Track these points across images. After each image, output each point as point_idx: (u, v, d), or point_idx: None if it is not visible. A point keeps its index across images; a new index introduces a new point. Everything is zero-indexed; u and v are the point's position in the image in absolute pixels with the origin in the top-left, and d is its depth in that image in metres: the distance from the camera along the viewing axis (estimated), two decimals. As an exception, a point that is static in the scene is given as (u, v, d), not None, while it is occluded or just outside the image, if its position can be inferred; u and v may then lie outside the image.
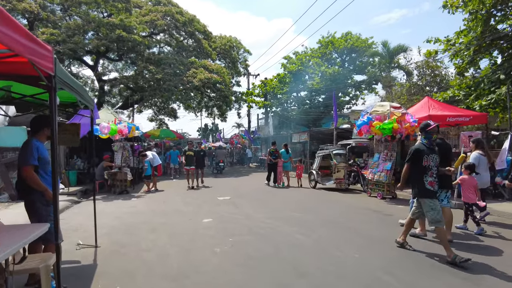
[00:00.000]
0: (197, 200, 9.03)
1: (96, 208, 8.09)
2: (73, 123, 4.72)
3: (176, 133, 18.49)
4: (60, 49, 15.87)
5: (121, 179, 10.51)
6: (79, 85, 3.63)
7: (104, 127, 9.83)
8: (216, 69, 19.57)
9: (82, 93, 3.79)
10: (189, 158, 12.00)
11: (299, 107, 27.95)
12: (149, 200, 9.15)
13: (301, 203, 8.46)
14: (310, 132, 16.88)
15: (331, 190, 11.22)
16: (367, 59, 26.65)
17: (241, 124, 55.33)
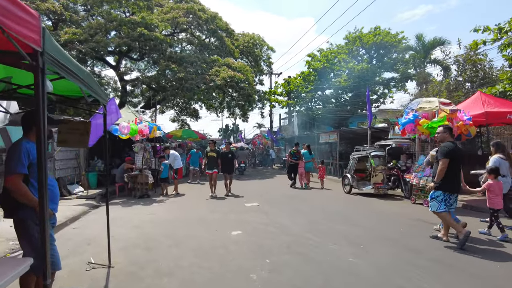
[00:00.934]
0: (222, 206, 8.23)
1: (114, 215, 7.50)
2: (82, 121, 4.02)
3: (198, 134, 17.89)
4: (82, 48, 15.59)
5: (141, 182, 9.90)
6: (84, 72, 2.88)
7: (124, 127, 9.24)
8: (239, 67, 18.81)
9: (89, 82, 3.04)
10: (211, 160, 10.24)
11: (324, 106, 26.79)
12: (171, 206, 8.45)
13: (341, 213, 7.47)
14: (340, 132, 15.76)
15: (368, 196, 10.16)
16: (396, 55, 25.14)
17: (262, 124, 54.44)
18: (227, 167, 10.37)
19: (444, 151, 4.74)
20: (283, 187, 12.56)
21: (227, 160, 10.40)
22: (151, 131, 9.91)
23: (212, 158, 10.26)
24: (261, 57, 24.25)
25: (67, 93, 3.71)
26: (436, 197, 4.85)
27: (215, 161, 10.26)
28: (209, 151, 10.40)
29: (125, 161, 10.63)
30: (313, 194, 10.66)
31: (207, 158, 10.30)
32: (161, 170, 10.55)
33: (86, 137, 4.00)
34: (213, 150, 10.37)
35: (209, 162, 10.29)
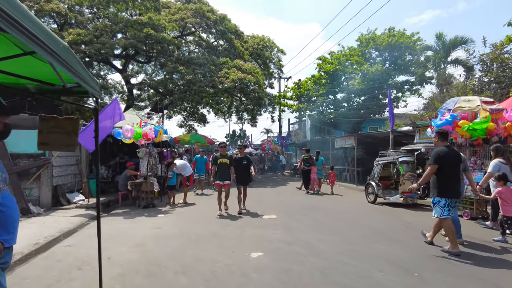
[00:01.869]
0: (236, 219, 7.30)
1: (114, 229, 6.55)
2: (69, 118, 3.15)
3: (206, 138, 17.08)
4: (87, 49, 14.95)
5: (146, 190, 9.06)
6: (59, 43, 2.03)
7: (127, 130, 8.43)
8: (249, 69, 18.01)
9: (69, 60, 2.20)
10: (222, 169, 7.89)
11: (336, 110, 25.85)
12: (178, 218, 7.55)
13: (373, 227, 6.49)
14: (357, 136, 14.77)
15: (395, 206, 9.18)
16: (411, 58, 24.15)
17: (270, 129, 53.58)
18: (242, 177, 8.25)
19: (434, 157, 4.67)
20: (299, 195, 11.62)
21: (243, 168, 8.29)
22: (157, 135, 9.09)
23: (223, 166, 7.93)
24: (271, 59, 23.45)
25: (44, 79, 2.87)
26: (438, 203, 4.68)
27: (227, 169, 7.97)
28: (219, 156, 7.99)
29: (127, 167, 9.81)
30: (334, 204, 9.68)
31: (217, 166, 7.93)
32: (169, 176, 9.71)
33: (74, 138, 3.15)
34: (225, 156, 8.06)
35: (219, 171, 7.91)
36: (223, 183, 7.91)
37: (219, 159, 7.97)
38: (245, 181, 8.37)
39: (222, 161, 7.95)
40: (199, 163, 12.43)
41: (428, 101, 24.33)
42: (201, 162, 12.51)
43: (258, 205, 9.26)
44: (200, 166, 12.45)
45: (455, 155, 4.75)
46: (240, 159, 8.43)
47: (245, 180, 8.40)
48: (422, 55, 23.73)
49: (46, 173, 8.54)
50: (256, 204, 9.34)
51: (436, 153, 4.68)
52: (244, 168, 8.36)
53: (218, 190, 7.99)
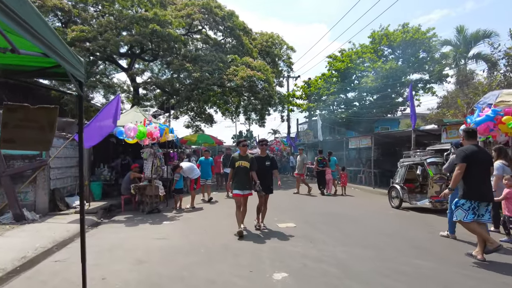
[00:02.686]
0: (250, 228, 6.52)
1: (114, 239, 5.71)
2: (43, 107, 2.40)
3: (214, 139, 16.36)
4: (90, 46, 14.33)
5: (151, 194, 8.33)
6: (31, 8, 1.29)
7: (129, 129, 7.72)
8: (258, 66, 17.23)
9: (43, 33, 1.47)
10: (242, 174, 6.06)
11: (348, 109, 24.96)
12: (186, 226, 6.79)
13: (407, 238, 5.65)
14: (374, 136, 13.90)
15: (422, 211, 8.33)
16: (425, 55, 23.13)
17: (277, 130, 52.73)
18: (263, 183, 6.19)
19: (461, 155, 4.39)
20: (315, 200, 10.81)
21: (265, 171, 6.39)
22: (162, 134, 8.37)
23: (243, 171, 6.05)
24: (280, 56, 22.65)
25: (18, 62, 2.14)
26: (462, 205, 4.39)
27: (247, 174, 6.08)
28: (238, 158, 6.14)
29: (131, 169, 9.12)
30: (355, 210, 8.84)
31: (235, 170, 6.12)
32: (176, 179, 8.99)
33: (49, 135, 2.41)
34: (245, 158, 6.13)
35: (238, 177, 6.06)
36: (243, 193, 6.01)
37: (238, 161, 6.06)
38: (267, 187, 6.38)
39: (241, 164, 6.03)
40: (204, 166, 10.91)
41: (443, 100, 23.37)
42: (207, 164, 11.02)
43: (271, 210, 8.44)
44: (206, 169, 10.86)
45: (483, 155, 4.47)
46: (261, 160, 6.44)
47: (268, 186, 6.41)
48: (437, 51, 22.70)
49: (43, 176, 7.86)
50: (269, 209, 8.53)
51: (462, 152, 4.41)
52: (266, 171, 6.42)
53: (237, 203, 6.05)
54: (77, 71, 2.35)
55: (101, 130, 7.81)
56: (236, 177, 6.09)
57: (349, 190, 13.35)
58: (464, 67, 17.51)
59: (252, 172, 6.08)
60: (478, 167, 4.33)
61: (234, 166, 6.11)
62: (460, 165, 4.35)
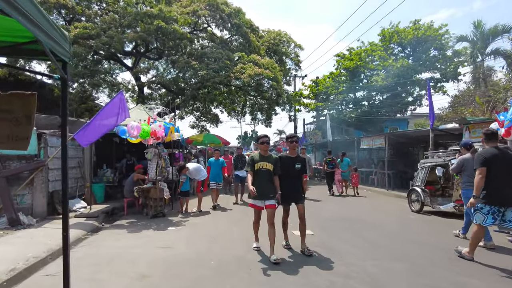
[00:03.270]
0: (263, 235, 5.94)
1: (115, 248, 5.01)
2: (19, 93, 1.87)
3: (221, 138, 15.82)
4: (93, 43, 13.90)
5: (155, 197, 7.82)
6: None
7: (132, 127, 7.21)
8: (266, 64, 16.70)
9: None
10: (262, 179, 4.73)
11: (356, 109, 24.33)
12: (193, 233, 6.25)
13: (439, 247, 5.05)
14: (388, 136, 13.26)
15: (446, 216, 7.74)
16: (436, 53, 22.40)
17: (283, 130, 52.11)
18: (291, 190, 4.89)
19: (480, 159, 4.25)
20: (328, 203, 10.21)
21: (295, 175, 4.93)
22: (167, 133, 7.85)
23: (264, 174, 4.72)
24: (288, 54, 22.08)
25: None
26: (481, 209, 4.25)
27: (270, 180, 4.74)
28: (258, 159, 4.77)
29: (135, 171, 8.62)
30: (374, 214, 8.24)
31: (254, 173, 4.74)
32: (182, 181, 8.47)
33: (26, 129, 1.91)
34: (268, 158, 4.79)
35: (258, 182, 4.67)
36: (264, 204, 4.69)
37: (258, 163, 4.69)
38: (297, 196, 4.91)
39: (263, 166, 4.68)
40: (214, 167, 9.45)
41: (454, 99, 22.62)
42: (217, 166, 9.53)
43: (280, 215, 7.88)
44: (216, 171, 9.45)
45: (506, 157, 4.23)
46: (290, 161, 4.88)
47: (298, 195, 4.93)
48: (449, 49, 21.96)
49: (41, 177, 7.39)
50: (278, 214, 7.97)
51: (480, 155, 4.28)
52: (296, 176, 4.92)
53: (256, 216, 4.89)
54: (59, 48, 1.83)
55: (101, 129, 7.33)
56: (258, 184, 4.61)
57: (361, 191, 12.79)
58: (481, 64, 16.75)
59: (275, 176, 4.74)
60: (499, 170, 4.15)
61: (254, 169, 4.72)
62: (480, 170, 4.21)
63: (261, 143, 4.89)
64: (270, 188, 4.70)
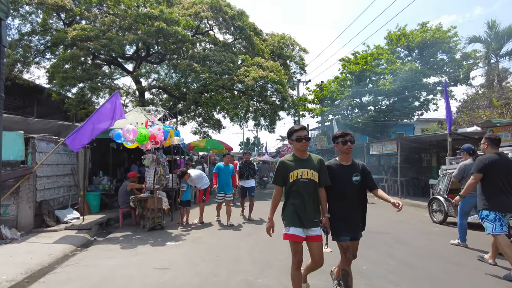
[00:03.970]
0: (274, 252, 5.22)
1: (104, 268, 4.18)
2: None
3: (224, 144, 15.17)
4: (92, 45, 13.34)
5: (153, 207, 7.12)
6: None
7: (128, 131, 6.56)
8: (271, 67, 16.09)
9: None
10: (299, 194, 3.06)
11: (363, 113, 23.72)
12: (194, 249, 5.52)
13: (484, 268, 4.33)
14: (400, 141, 12.56)
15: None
16: (445, 56, 21.80)
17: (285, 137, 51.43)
18: (351, 217, 3.22)
19: (479, 165, 4.24)
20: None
21: (352, 193, 3.22)
22: (166, 138, 7.19)
23: (306, 187, 3.05)
24: (293, 58, 21.53)
25: None
26: (486, 217, 4.19)
27: (313, 196, 3.07)
28: (292, 165, 3.10)
29: (128, 178, 7.95)
30: (393, 226, 7.50)
31: (288, 188, 3.11)
32: (183, 190, 7.79)
33: None
34: (307, 162, 3.11)
35: (299, 202, 3.05)
36: (305, 234, 3.05)
37: (295, 171, 3.05)
38: (358, 226, 3.29)
39: (302, 175, 3.05)
40: (223, 175, 7.72)
41: (462, 104, 21.94)
42: (227, 173, 7.76)
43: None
44: (225, 179, 7.72)
45: (507, 164, 4.20)
46: (343, 171, 3.24)
47: (359, 225, 3.30)
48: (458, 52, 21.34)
49: (27, 186, 6.73)
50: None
51: (480, 161, 4.26)
52: (358, 193, 3.25)
53: (295, 252, 3.06)
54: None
55: (95, 132, 6.70)
56: (290, 199, 3.07)
57: (371, 198, 12.04)
58: (496, 65, 16.08)
59: (321, 189, 3.13)
60: (499, 176, 4.13)
61: (288, 180, 3.05)
62: (476, 175, 4.24)
63: (298, 139, 3.06)
64: (313, 209, 3.03)
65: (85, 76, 14.61)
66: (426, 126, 28.77)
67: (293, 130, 3.18)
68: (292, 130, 3.19)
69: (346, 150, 3.22)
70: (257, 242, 5.81)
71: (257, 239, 6.08)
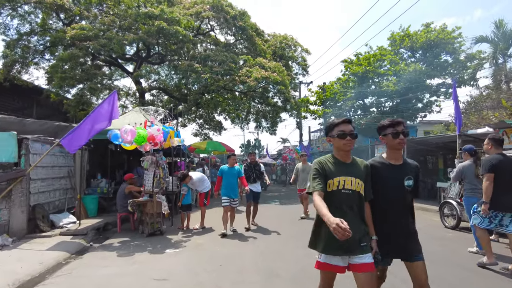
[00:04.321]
0: (283, 261, 4.89)
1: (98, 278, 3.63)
2: None
3: (226, 146, 14.87)
4: (91, 45, 13.06)
5: (152, 212, 6.80)
6: None
7: (126, 131, 6.25)
8: (273, 67, 15.81)
9: None
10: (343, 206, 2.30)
11: (366, 115, 23.44)
12: (195, 258, 5.19)
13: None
14: (407, 143, 12.22)
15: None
16: (449, 57, 21.54)
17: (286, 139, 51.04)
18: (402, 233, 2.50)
19: (487, 165, 4.28)
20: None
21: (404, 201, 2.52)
22: (166, 139, 6.88)
23: (350, 200, 2.33)
24: (295, 59, 21.28)
25: None
26: (478, 212, 4.42)
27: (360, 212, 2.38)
28: (332, 169, 2.37)
29: (125, 181, 7.63)
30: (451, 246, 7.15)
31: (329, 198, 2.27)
32: (184, 193, 7.47)
33: None
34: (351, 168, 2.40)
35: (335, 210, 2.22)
36: (347, 263, 2.29)
37: (336, 178, 2.33)
38: (412, 244, 2.51)
39: (345, 185, 2.33)
40: (228, 178, 6.85)
41: (466, 105, 21.64)
42: (232, 176, 6.86)
43: (301, 233, 6.83)
44: (231, 183, 6.85)
45: (509, 163, 4.28)
46: (392, 172, 2.50)
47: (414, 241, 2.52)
48: (462, 53, 21.07)
49: (20, 189, 6.41)
50: (300, 233, 6.92)
51: (488, 161, 4.33)
52: (410, 202, 2.55)
53: (326, 283, 2.43)
54: None
55: (92, 132, 6.40)
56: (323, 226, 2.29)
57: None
58: (504, 65, 15.76)
59: (366, 204, 2.44)
60: (503, 176, 4.22)
61: (323, 190, 2.28)
62: (488, 176, 4.27)
63: (341, 135, 2.33)
64: (360, 228, 2.30)
65: (84, 76, 14.33)
66: (429, 128, 28.52)
67: (334, 124, 2.42)
68: (333, 124, 2.42)
69: (398, 146, 2.45)
70: (262, 250, 5.49)
71: (262, 246, 5.75)
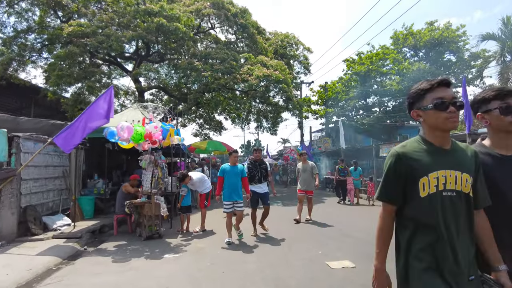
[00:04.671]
0: (287, 268, 4.55)
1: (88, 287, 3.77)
2: None
3: (226, 146, 14.51)
4: (88, 41, 12.72)
5: (150, 214, 6.45)
6: None
7: (122, 128, 5.90)
8: (275, 65, 15.47)
9: None
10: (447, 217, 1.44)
11: (368, 115, 23.12)
12: (196, 264, 4.83)
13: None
14: (412, 142, 11.88)
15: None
16: (452, 56, 21.27)
17: (287, 139, 50.75)
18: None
19: None
20: (355, 217, 8.78)
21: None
22: (165, 136, 6.53)
23: (455, 209, 1.47)
24: (297, 57, 20.96)
25: None
26: None
27: (470, 227, 1.50)
28: (427, 160, 1.51)
29: (128, 181, 7.29)
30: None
31: (421, 208, 1.50)
32: (183, 194, 7.13)
33: None
34: (452, 159, 1.54)
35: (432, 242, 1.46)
36: None
37: (431, 173, 1.51)
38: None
39: (446, 185, 1.49)
40: (230, 178, 6.10)
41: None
42: (235, 176, 6.13)
43: (305, 236, 6.48)
44: (233, 184, 6.10)
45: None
46: (508, 165, 1.71)
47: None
48: (466, 51, 20.79)
49: (10, 190, 6.06)
50: (303, 235, 6.58)
51: None
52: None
53: None
54: None
55: (87, 130, 6.05)
56: (415, 243, 1.53)
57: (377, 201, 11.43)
58: (511, 63, 15.46)
59: (480, 212, 1.59)
60: None
61: (414, 193, 1.52)
62: None
63: (438, 104, 1.52)
64: (470, 253, 1.49)
65: (82, 74, 13.98)
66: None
67: (424, 89, 1.57)
68: (423, 89, 1.57)
69: (511, 126, 1.69)
70: (267, 255, 5.14)
71: (267, 251, 5.41)
